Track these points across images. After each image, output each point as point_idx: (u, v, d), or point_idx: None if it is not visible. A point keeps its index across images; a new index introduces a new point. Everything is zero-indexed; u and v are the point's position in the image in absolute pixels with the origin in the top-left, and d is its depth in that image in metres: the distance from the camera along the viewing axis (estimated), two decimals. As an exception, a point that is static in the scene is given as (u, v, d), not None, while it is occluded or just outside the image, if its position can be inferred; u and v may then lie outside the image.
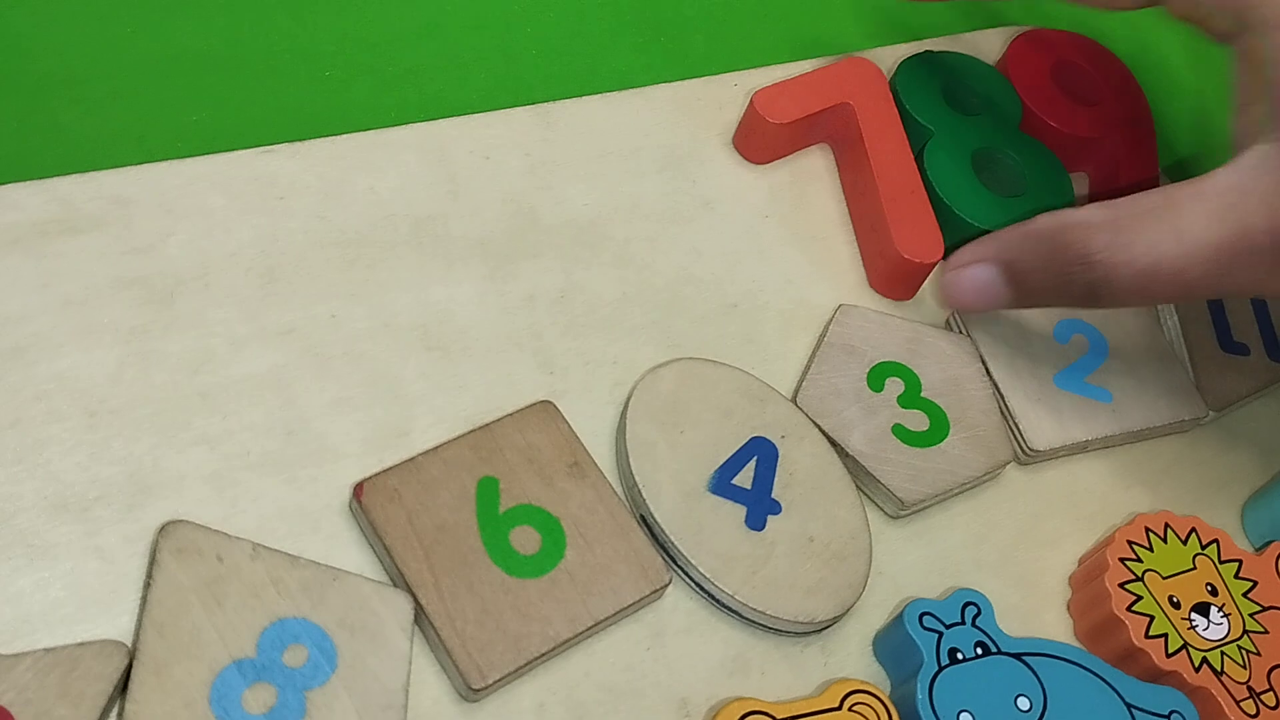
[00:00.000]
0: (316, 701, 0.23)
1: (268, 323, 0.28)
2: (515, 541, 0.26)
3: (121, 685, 0.23)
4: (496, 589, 0.25)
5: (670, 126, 0.35)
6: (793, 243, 0.34)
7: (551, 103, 0.34)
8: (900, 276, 0.33)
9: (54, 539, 0.24)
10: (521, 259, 0.31)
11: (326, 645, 0.24)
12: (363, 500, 0.26)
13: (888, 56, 0.37)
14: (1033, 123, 0.37)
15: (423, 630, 0.25)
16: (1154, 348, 0.35)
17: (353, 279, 0.29)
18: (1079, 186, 0.38)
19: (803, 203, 0.35)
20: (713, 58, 0.37)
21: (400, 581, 0.25)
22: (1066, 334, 0.34)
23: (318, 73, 0.33)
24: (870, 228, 0.33)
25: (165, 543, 0.24)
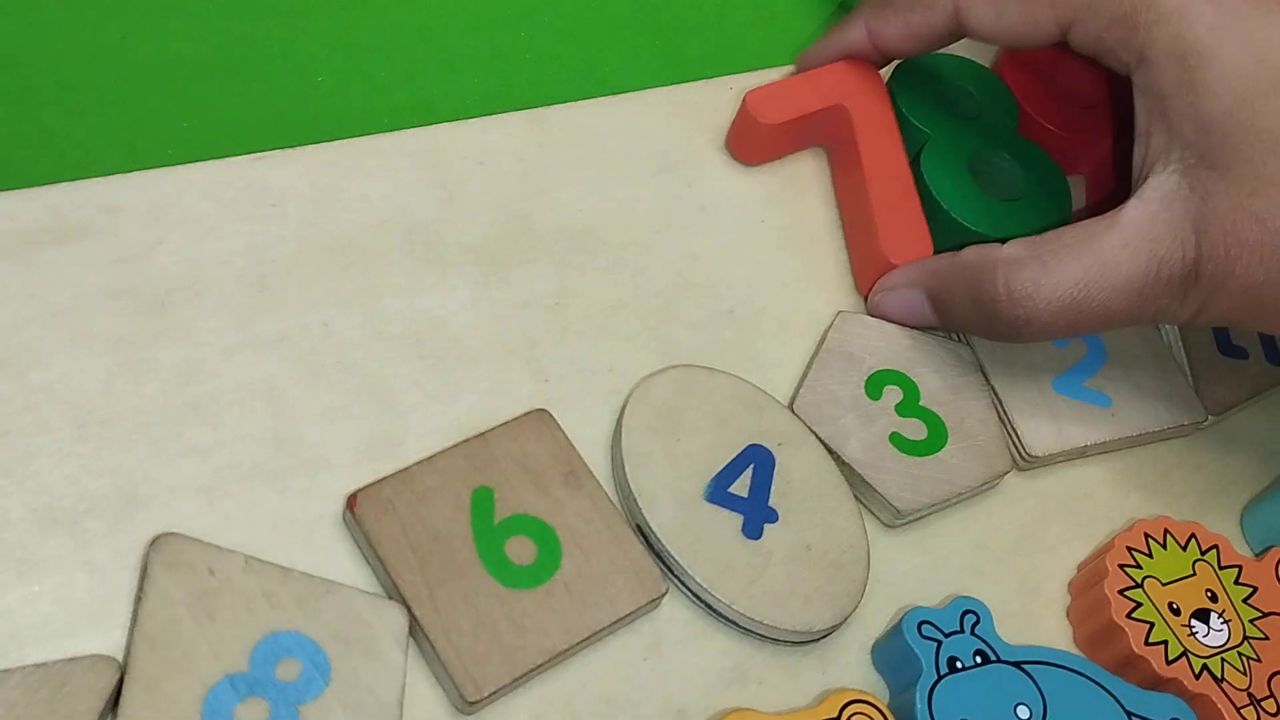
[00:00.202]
0: (310, 716, 0.23)
1: (259, 331, 0.28)
2: (511, 552, 0.26)
3: (112, 701, 0.23)
4: (492, 600, 0.25)
5: (665, 131, 0.35)
6: (790, 248, 0.34)
7: (545, 108, 0.34)
8: None
9: (43, 552, 0.24)
10: (516, 265, 0.31)
11: (320, 658, 0.24)
12: (356, 511, 0.25)
13: (884, 60, 0.37)
14: (1029, 126, 0.37)
15: (417, 643, 0.25)
16: (1152, 352, 0.35)
17: (345, 287, 0.29)
18: (1076, 190, 0.38)
19: (800, 208, 0.35)
20: (708, 61, 0.37)
21: (394, 593, 0.25)
22: (1065, 339, 0.34)
23: (309, 78, 0.33)
24: (859, 230, 0.33)
25: (156, 556, 0.24)
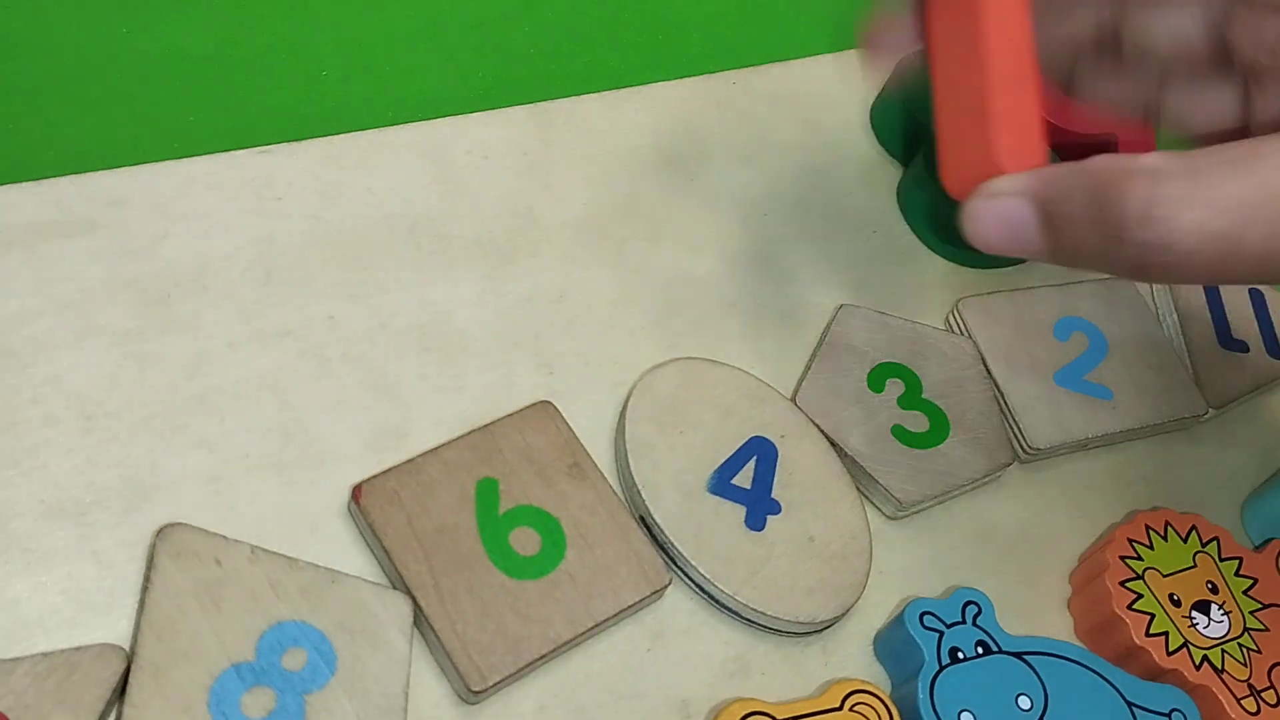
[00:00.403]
0: (316, 705, 0.23)
1: (265, 324, 0.28)
2: (515, 543, 0.26)
3: (120, 690, 0.23)
4: (496, 591, 0.25)
5: (668, 125, 0.35)
6: (793, 241, 0.34)
7: (549, 102, 0.34)
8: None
9: (51, 543, 0.24)
10: (520, 259, 0.31)
11: (326, 648, 0.24)
12: (361, 502, 0.26)
13: (886, 54, 0.37)
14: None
15: (422, 633, 0.25)
16: (1153, 345, 0.35)
17: (350, 280, 0.29)
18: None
19: (803, 200, 0.35)
20: (711, 56, 0.37)
21: (400, 584, 0.25)
22: (1066, 331, 0.34)
23: (314, 73, 0.33)
24: (961, 114, 0.26)
25: (163, 546, 0.24)
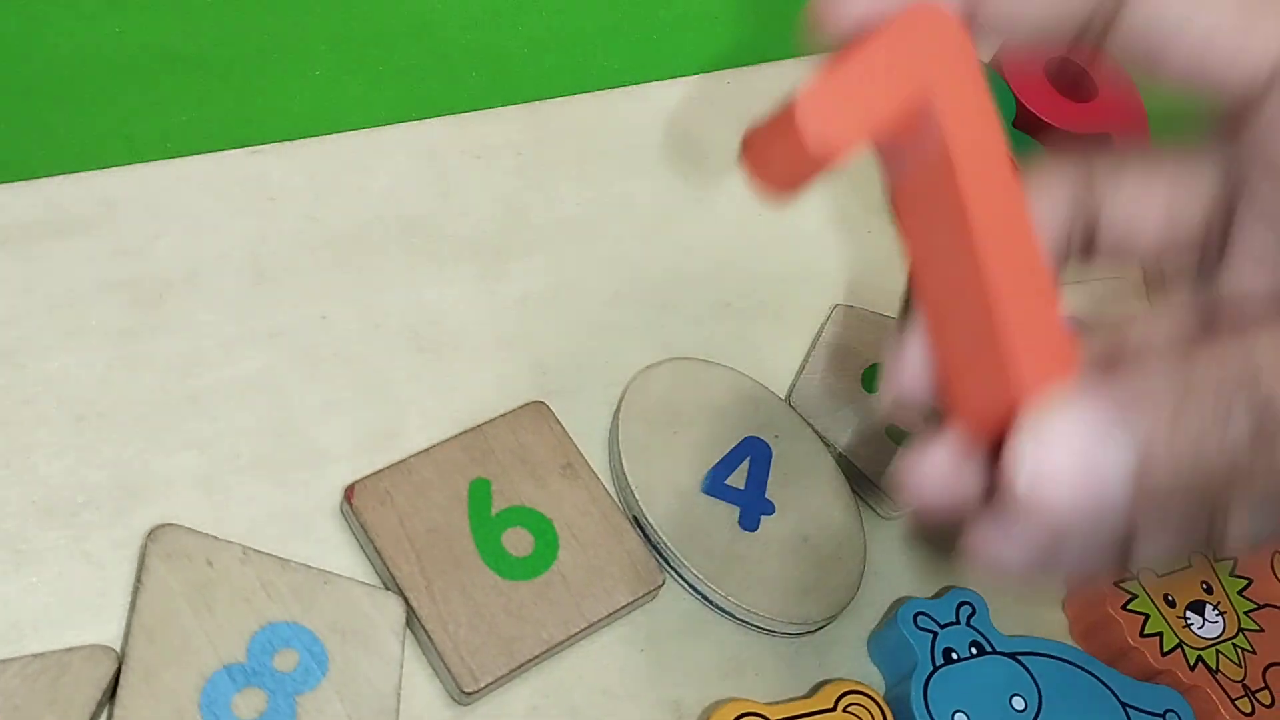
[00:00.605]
0: (307, 706, 0.23)
1: (257, 324, 0.28)
2: (508, 543, 0.26)
3: (110, 691, 0.23)
4: (489, 591, 0.25)
5: (662, 125, 0.35)
6: (787, 241, 0.34)
7: (543, 101, 0.34)
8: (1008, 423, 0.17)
9: (41, 544, 0.24)
10: (513, 259, 0.31)
11: (317, 649, 0.24)
12: (354, 503, 0.26)
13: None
14: (1026, 120, 0.37)
15: (414, 633, 0.25)
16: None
17: (343, 280, 0.29)
18: (1073, 184, 0.38)
19: (797, 200, 0.35)
20: (705, 55, 0.37)
21: (392, 584, 0.25)
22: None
23: (307, 72, 0.33)
24: (962, 327, 0.18)
25: (154, 547, 0.24)
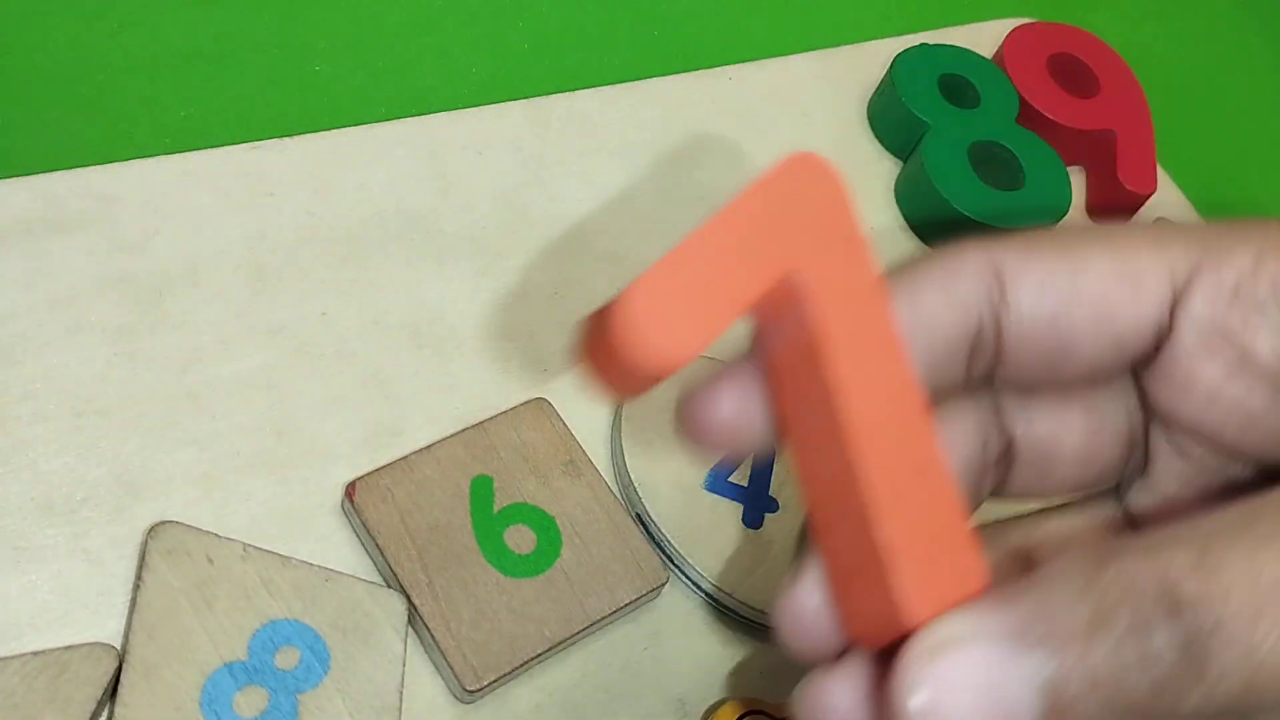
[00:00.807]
0: (309, 704, 0.23)
1: (257, 321, 0.28)
2: (510, 541, 0.26)
3: (111, 689, 0.22)
4: (491, 589, 0.25)
5: (664, 121, 0.35)
6: (788, 238, 0.34)
7: (544, 97, 0.34)
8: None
9: (41, 541, 0.24)
10: (514, 255, 0.31)
11: (319, 647, 0.24)
12: (355, 500, 0.25)
13: (884, 50, 0.37)
14: (1030, 116, 0.37)
15: (416, 631, 0.25)
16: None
17: (343, 276, 0.29)
18: (1075, 180, 0.38)
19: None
20: (707, 51, 0.37)
21: (394, 582, 0.25)
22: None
23: (307, 67, 0.32)
24: (840, 525, 0.16)
25: (154, 544, 0.24)
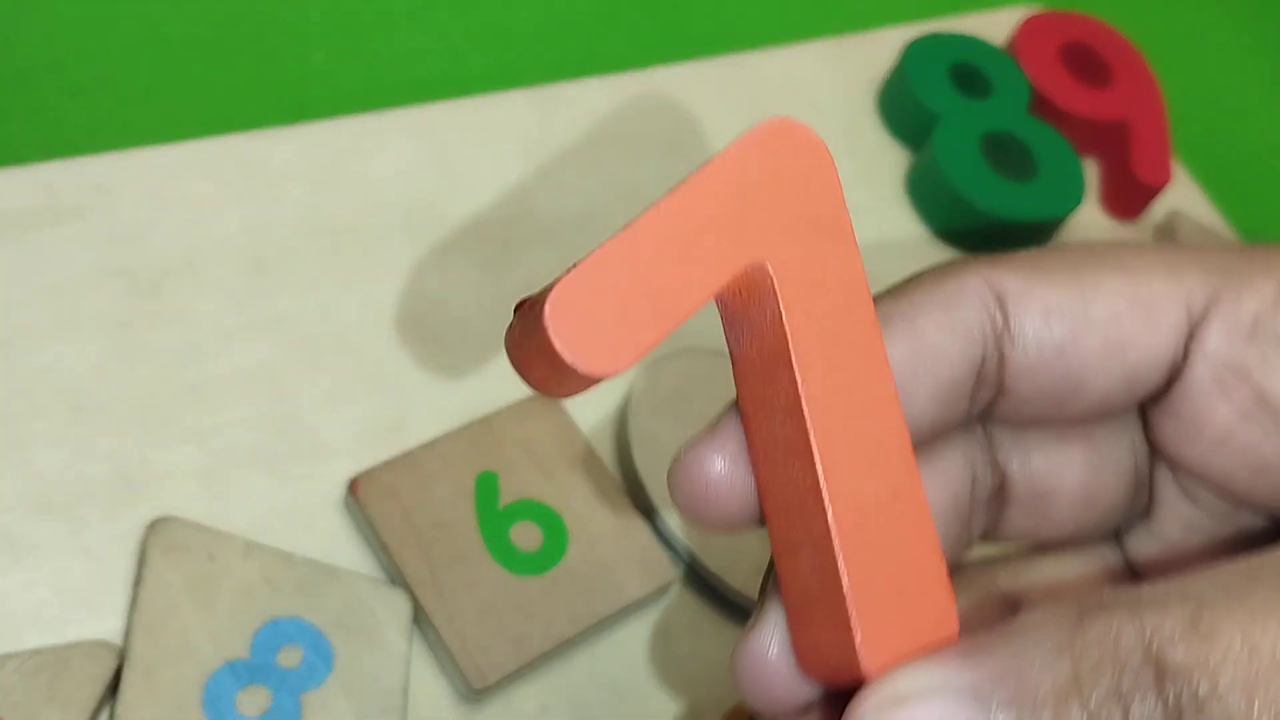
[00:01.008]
0: (313, 704, 0.23)
1: (257, 314, 0.27)
2: (516, 537, 0.25)
3: (111, 687, 0.22)
4: (497, 586, 0.25)
5: (671, 110, 0.34)
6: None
7: (549, 85, 0.33)
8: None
9: (39, 538, 0.24)
10: (518, 247, 0.30)
11: (322, 645, 0.23)
12: (358, 496, 0.25)
13: (894, 38, 0.37)
14: (1042, 106, 0.37)
15: (421, 630, 0.25)
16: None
17: (344, 268, 0.29)
18: (1088, 171, 0.37)
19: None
20: (714, 38, 0.36)
21: (398, 579, 0.25)
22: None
23: (307, 55, 0.32)
24: (804, 564, 0.16)
25: (154, 540, 0.23)
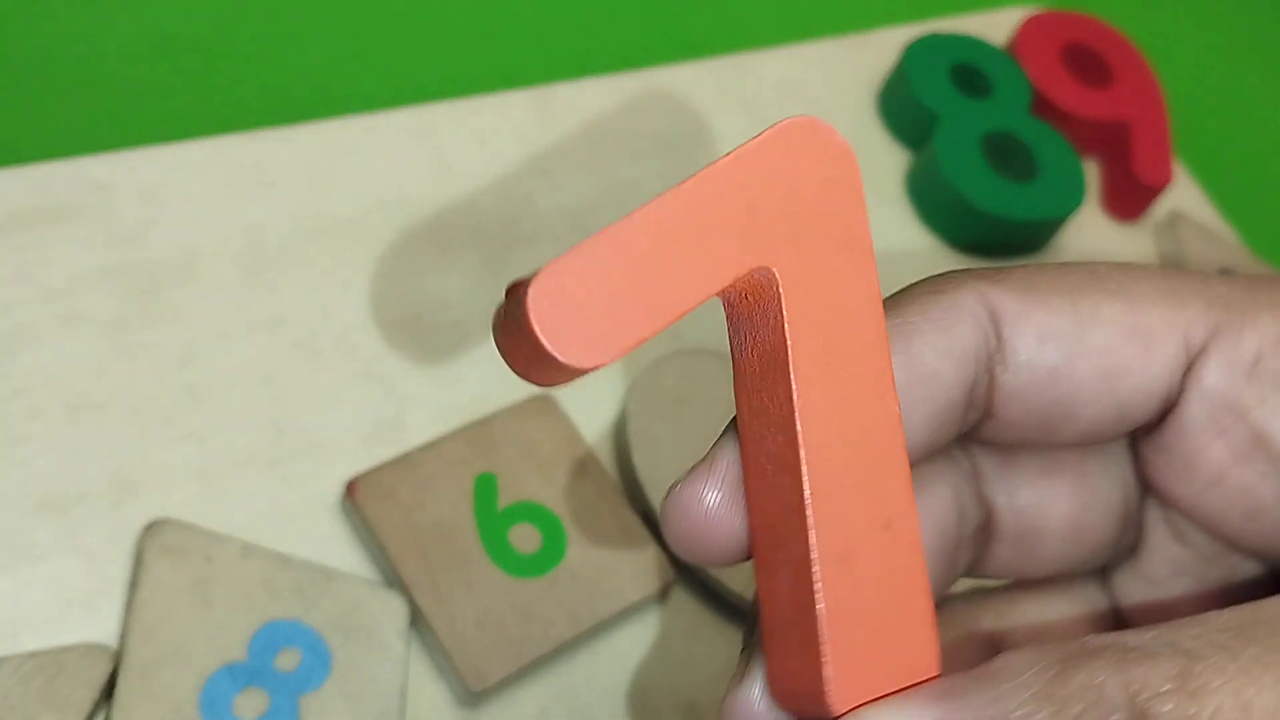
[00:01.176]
0: (310, 707, 0.23)
1: (255, 314, 0.27)
2: (514, 540, 0.25)
3: (107, 690, 0.22)
4: (496, 589, 0.25)
5: (670, 110, 0.34)
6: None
7: (547, 85, 0.33)
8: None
9: (35, 539, 0.23)
10: (517, 247, 0.30)
11: (320, 648, 0.23)
12: (356, 498, 0.25)
13: (895, 38, 0.37)
14: (1043, 106, 0.37)
15: (420, 632, 0.24)
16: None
17: (343, 268, 0.29)
18: (1089, 172, 0.37)
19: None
20: (714, 39, 0.36)
21: (396, 582, 0.24)
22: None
23: (305, 55, 0.32)
24: (784, 596, 0.15)
25: (151, 542, 0.23)
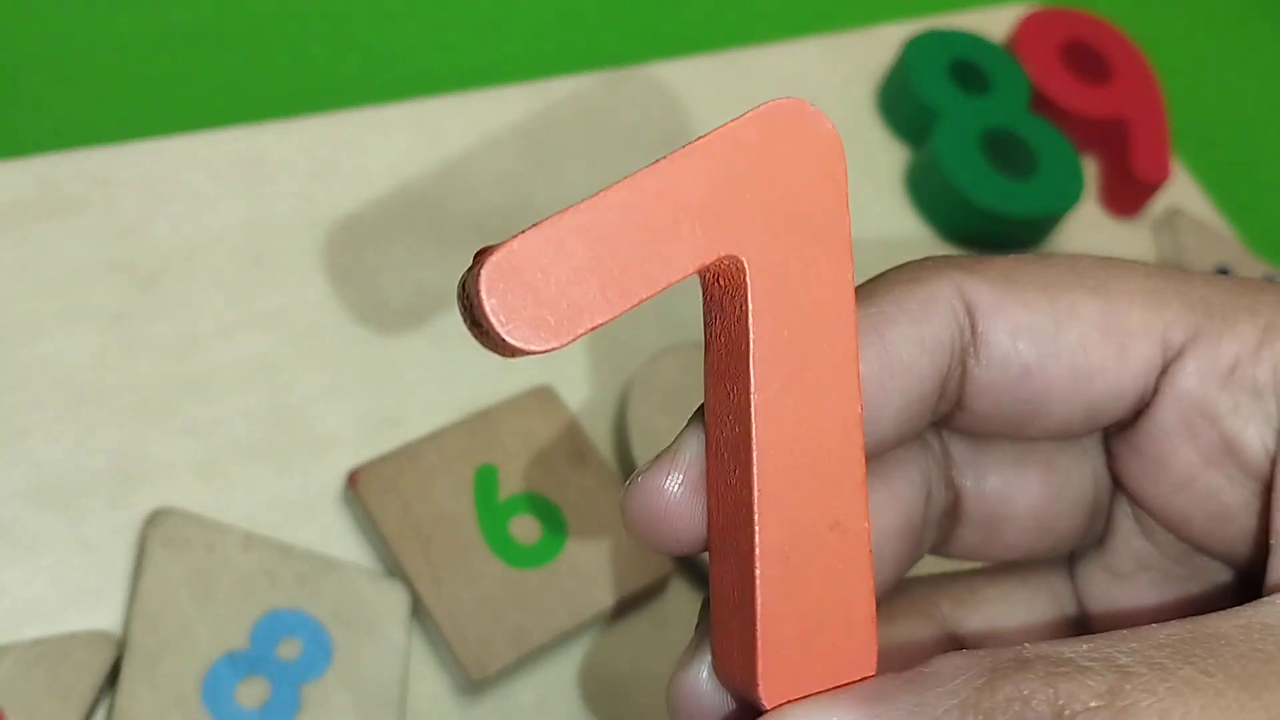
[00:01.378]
0: (312, 695, 0.23)
1: (256, 307, 0.27)
2: (515, 531, 0.25)
3: (110, 678, 0.22)
4: (496, 580, 0.25)
5: (669, 105, 0.34)
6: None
7: (547, 80, 0.33)
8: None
9: (38, 530, 0.24)
10: (518, 240, 0.30)
11: (321, 638, 0.23)
12: (358, 489, 0.25)
13: (894, 34, 0.37)
14: (1042, 103, 0.37)
15: (420, 622, 0.25)
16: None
17: (343, 261, 0.29)
18: (1088, 168, 0.37)
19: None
20: (713, 34, 0.36)
21: (397, 572, 0.25)
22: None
23: (306, 48, 0.32)
24: (730, 582, 0.15)
25: (154, 533, 0.23)
